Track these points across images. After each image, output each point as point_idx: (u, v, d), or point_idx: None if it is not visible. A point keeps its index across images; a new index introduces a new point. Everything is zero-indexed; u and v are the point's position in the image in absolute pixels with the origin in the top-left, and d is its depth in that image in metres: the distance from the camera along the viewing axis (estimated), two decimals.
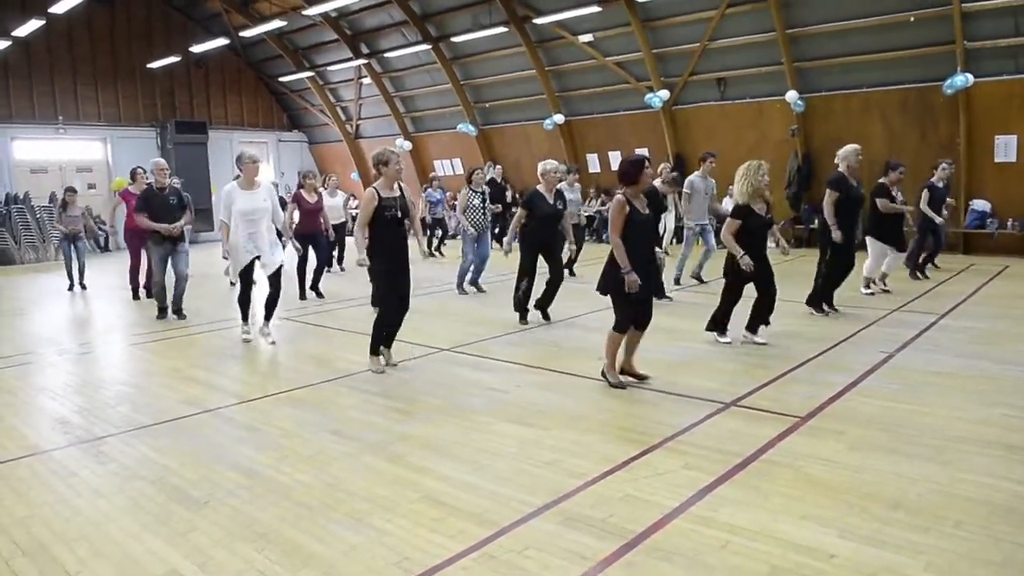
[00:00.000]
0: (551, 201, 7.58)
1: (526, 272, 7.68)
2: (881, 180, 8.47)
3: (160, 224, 8.35)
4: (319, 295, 10.10)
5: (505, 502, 3.53)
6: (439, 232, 15.35)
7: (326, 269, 12.10)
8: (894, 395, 5.02)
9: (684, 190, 9.46)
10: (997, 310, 7.87)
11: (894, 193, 8.44)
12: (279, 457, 4.21)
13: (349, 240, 12.24)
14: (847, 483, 3.64)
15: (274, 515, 3.47)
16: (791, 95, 13.88)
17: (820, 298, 7.68)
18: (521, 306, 7.77)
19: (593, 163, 17.77)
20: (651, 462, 3.97)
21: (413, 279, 6.19)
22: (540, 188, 7.60)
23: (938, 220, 9.77)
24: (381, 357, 6.09)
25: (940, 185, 9.79)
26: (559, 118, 17.57)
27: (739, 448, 4.10)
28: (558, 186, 7.84)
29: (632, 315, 5.21)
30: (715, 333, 6.60)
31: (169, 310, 8.77)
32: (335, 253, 12.59)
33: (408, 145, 20.76)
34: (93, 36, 19.96)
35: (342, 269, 12.86)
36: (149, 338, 7.84)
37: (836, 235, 7.30)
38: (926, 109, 12.93)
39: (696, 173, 9.51)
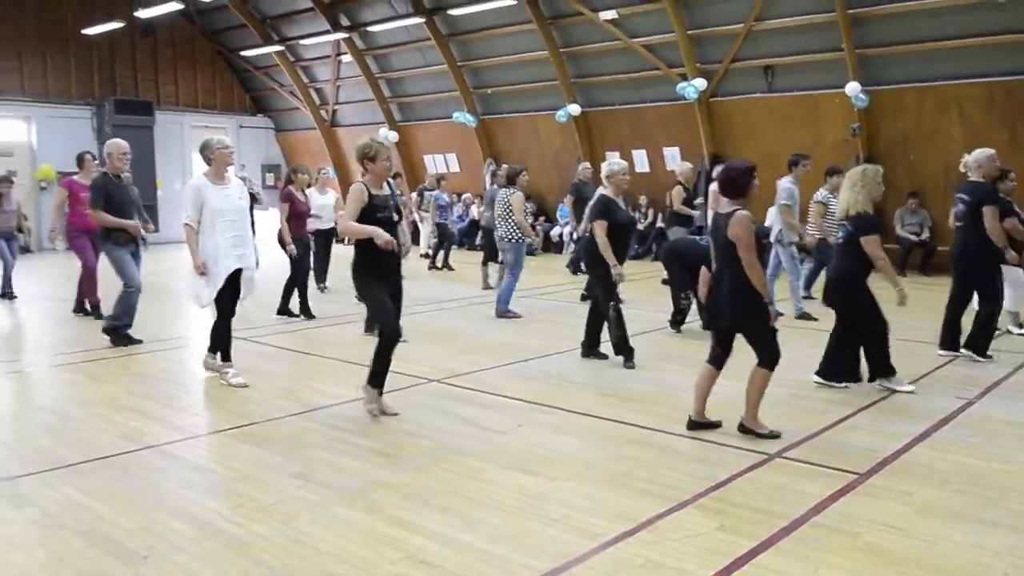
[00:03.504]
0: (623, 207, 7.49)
1: (611, 299, 7.32)
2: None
3: (128, 221, 8.14)
4: (311, 315, 9.98)
5: (502, 565, 3.55)
6: (435, 241, 15.40)
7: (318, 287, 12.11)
8: (973, 450, 5.04)
9: (785, 202, 9.39)
10: None
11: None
12: (234, 505, 4.23)
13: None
14: (916, 555, 3.65)
15: None
16: (852, 87, 13.99)
17: (988, 340, 7.48)
18: (626, 342, 7.32)
19: (616, 158, 17.85)
20: (679, 522, 3.99)
21: (409, 296, 6.07)
22: (607, 193, 7.37)
23: None
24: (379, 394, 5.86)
25: None
26: (575, 108, 17.70)
27: (785, 508, 4.12)
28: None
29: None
30: (885, 380, 6.40)
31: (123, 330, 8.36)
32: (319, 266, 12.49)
33: (394, 136, 20.89)
34: None
35: (324, 288, 12.34)
36: (80, 358, 7.87)
37: (1012, 256, 7.23)
38: (1017, 107, 13.01)
39: (788, 178, 9.52)
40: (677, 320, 8.90)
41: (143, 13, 19.57)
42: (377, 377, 5.81)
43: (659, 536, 3.83)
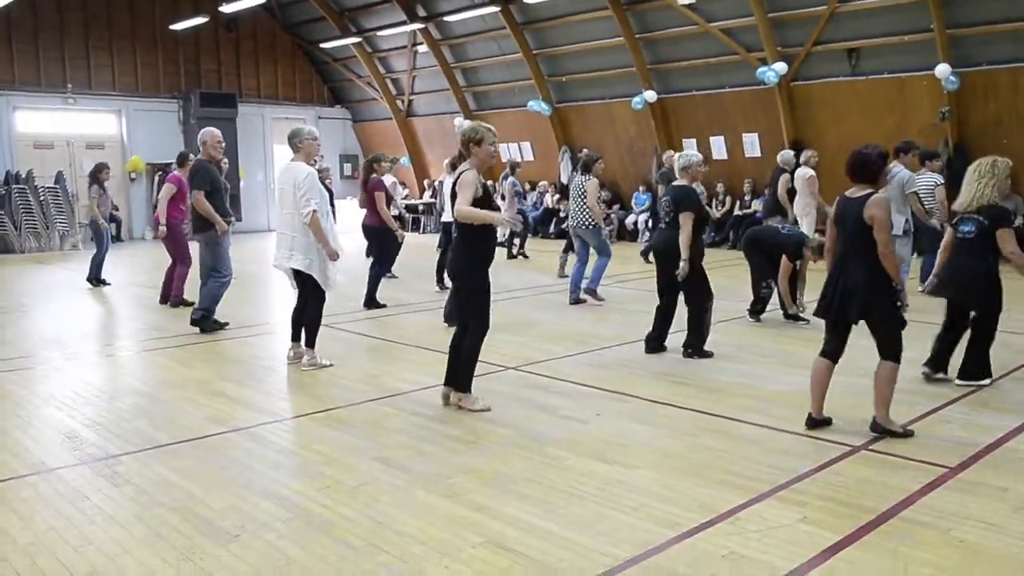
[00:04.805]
0: None
1: (709, 294, 7.23)
2: None
3: (220, 219, 8.35)
4: (379, 305, 10.10)
5: (583, 552, 3.56)
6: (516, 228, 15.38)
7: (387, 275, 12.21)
8: None
9: (913, 190, 8.98)
10: None
11: None
12: (320, 487, 4.35)
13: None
14: (1013, 553, 3.53)
15: (313, 554, 3.59)
16: (942, 69, 13.50)
17: None
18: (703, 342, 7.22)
19: (691, 150, 17.61)
20: (761, 513, 3.94)
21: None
22: (685, 183, 7.25)
23: None
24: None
25: None
26: (650, 95, 17.51)
27: (871, 502, 4.03)
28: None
29: None
30: (977, 380, 6.10)
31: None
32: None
33: (466, 123, 20.98)
34: None
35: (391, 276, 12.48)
36: (170, 344, 8.18)
37: None
38: None
39: (899, 166, 8.99)
40: (756, 310, 8.76)
41: (227, 8, 20.08)
42: (470, 379, 5.75)
43: (740, 527, 3.79)
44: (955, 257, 6.12)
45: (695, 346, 7.16)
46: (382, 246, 10.24)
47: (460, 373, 5.72)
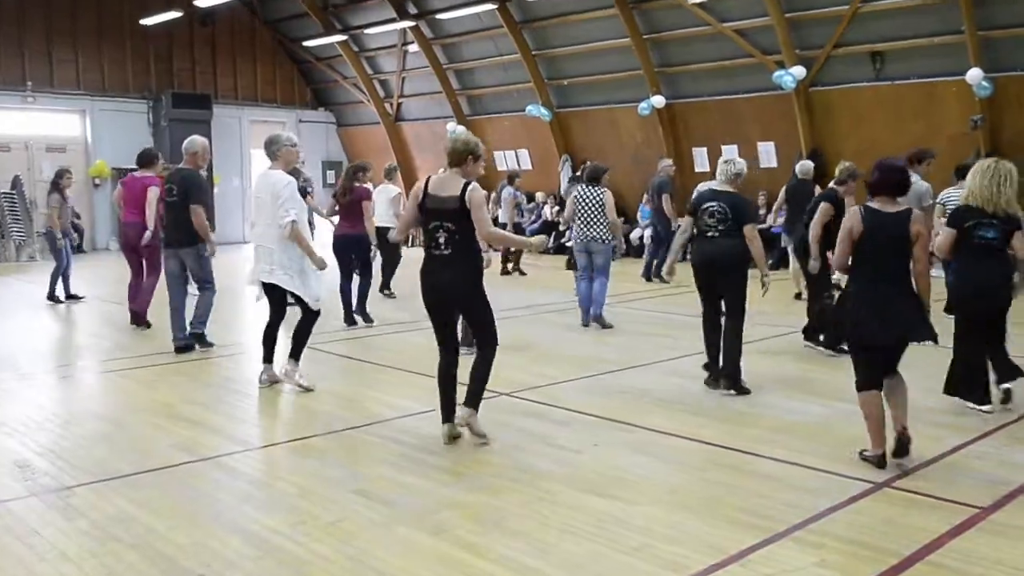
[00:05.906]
0: None
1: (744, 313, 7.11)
2: None
3: (213, 239, 8.50)
4: (369, 319, 10.23)
5: None
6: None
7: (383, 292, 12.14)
8: None
9: (928, 203, 8.72)
10: None
11: None
12: (293, 522, 4.31)
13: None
14: None
15: None
16: (974, 74, 13.59)
17: None
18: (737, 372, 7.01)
19: (701, 159, 17.70)
20: (774, 556, 3.91)
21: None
22: (736, 192, 7.20)
23: None
24: None
25: None
26: (658, 100, 17.59)
27: (895, 544, 4.01)
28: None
29: None
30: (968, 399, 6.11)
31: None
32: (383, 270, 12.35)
33: (462, 131, 21.02)
34: None
35: (391, 294, 12.44)
36: (133, 364, 8.14)
37: None
38: None
39: (916, 177, 9.06)
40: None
41: (203, 2, 20.12)
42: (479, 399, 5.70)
43: (751, 570, 3.76)
44: (977, 264, 6.00)
45: (735, 377, 6.90)
46: (364, 257, 10.16)
47: (474, 392, 5.64)
